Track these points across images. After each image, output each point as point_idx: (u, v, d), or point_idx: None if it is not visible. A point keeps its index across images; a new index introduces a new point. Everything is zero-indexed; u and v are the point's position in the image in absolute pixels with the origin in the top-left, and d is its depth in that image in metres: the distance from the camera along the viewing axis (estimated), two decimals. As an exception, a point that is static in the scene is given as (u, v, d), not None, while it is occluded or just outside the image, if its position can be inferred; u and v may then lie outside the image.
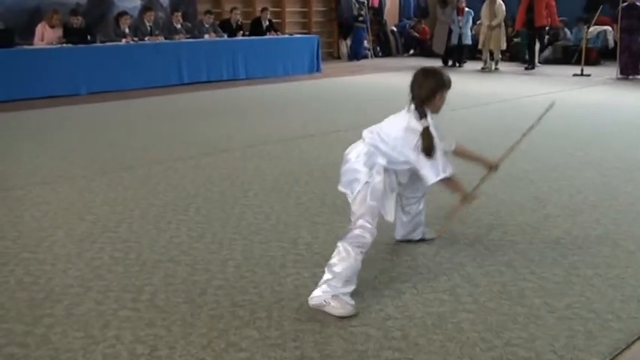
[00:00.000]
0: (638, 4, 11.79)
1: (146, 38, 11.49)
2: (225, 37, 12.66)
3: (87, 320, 2.83)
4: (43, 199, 4.68)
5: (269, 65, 12.85)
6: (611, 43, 14.52)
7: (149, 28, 11.71)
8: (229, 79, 12.10)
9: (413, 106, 3.23)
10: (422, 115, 3.18)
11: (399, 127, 3.23)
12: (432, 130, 3.15)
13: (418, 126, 3.15)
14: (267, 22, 13.66)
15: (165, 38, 11.85)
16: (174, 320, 2.81)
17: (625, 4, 11.89)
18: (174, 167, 5.55)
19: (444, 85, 3.29)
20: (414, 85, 3.27)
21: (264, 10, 13.84)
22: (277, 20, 15.07)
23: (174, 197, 4.68)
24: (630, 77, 11.88)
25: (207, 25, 12.59)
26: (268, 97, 10.16)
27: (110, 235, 3.91)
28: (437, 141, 3.15)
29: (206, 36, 12.36)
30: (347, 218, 4.10)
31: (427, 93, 3.22)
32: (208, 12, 12.94)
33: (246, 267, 3.39)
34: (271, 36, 13.43)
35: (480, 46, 14.10)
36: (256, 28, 13.50)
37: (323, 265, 3.37)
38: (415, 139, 3.12)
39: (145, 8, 12.24)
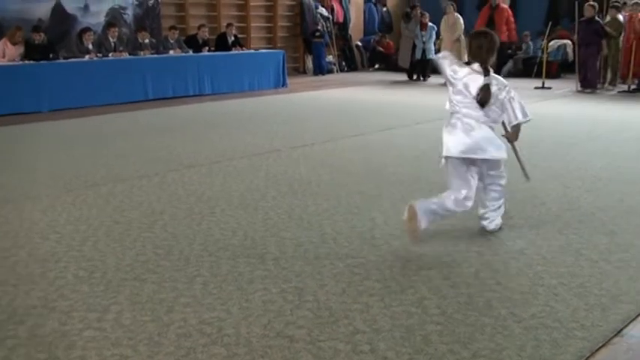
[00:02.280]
0: (596, 19, 12.07)
1: (110, 54, 11.40)
2: (191, 52, 12.62)
3: (51, 341, 2.77)
4: (4, 218, 4.59)
5: (235, 80, 12.83)
6: (570, 57, 14.82)
7: (113, 44, 11.61)
8: (195, 94, 12.05)
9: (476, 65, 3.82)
10: (486, 73, 3.80)
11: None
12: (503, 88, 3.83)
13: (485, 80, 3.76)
14: (233, 38, 13.66)
15: (130, 54, 11.76)
16: (141, 339, 2.78)
17: (583, 18, 12.15)
18: (140, 184, 5.50)
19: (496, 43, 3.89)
20: (474, 47, 3.85)
21: (229, 25, 13.83)
22: (242, 35, 15.07)
23: (140, 214, 4.63)
24: (587, 90, 12.14)
25: (172, 41, 12.54)
26: (234, 112, 10.14)
27: (74, 254, 3.85)
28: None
29: (171, 52, 12.30)
30: (314, 233, 4.12)
31: (487, 52, 3.82)
32: (173, 27, 12.89)
33: (214, 283, 3.36)
34: (237, 51, 13.43)
35: (442, 61, 14.25)
36: (222, 44, 13.49)
37: (291, 280, 3.38)
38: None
39: (109, 24, 12.14)
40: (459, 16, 13.99)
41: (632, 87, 11.97)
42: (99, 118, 9.50)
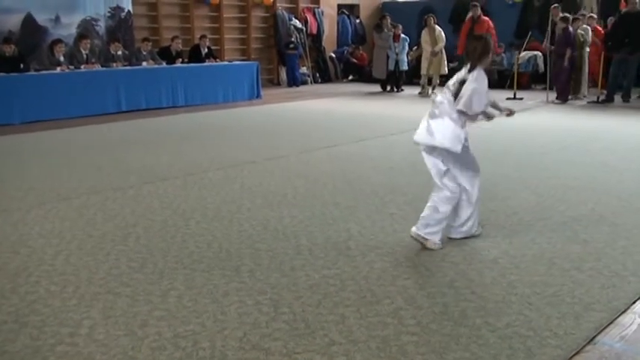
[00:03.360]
0: (570, 29, 12.26)
1: (82, 66, 11.30)
2: (164, 64, 12.56)
3: (22, 357, 2.73)
4: (-26, 232, 4.51)
5: (209, 92, 12.79)
6: (541, 68, 15.04)
7: (85, 56, 11.52)
8: (169, 106, 11.99)
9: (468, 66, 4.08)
10: (470, 70, 4.03)
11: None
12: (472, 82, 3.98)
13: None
14: (206, 49, 13.63)
15: (102, 66, 11.67)
16: (115, 354, 2.75)
17: (555, 29, 12.34)
18: (113, 197, 5.45)
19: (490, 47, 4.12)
20: (469, 50, 4.10)
21: (202, 37, 13.80)
22: (216, 47, 15.04)
23: (114, 227, 4.58)
24: (557, 100, 12.31)
25: (145, 53, 12.48)
26: (209, 124, 10.11)
27: (46, 268, 3.79)
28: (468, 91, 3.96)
29: (144, 63, 12.24)
30: (289, 244, 4.12)
31: (480, 55, 4.03)
32: (146, 39, 12.84)
33: (189, 296, 3.34)
34: (210, 63, 13.40)
35: (423, 72, 14.33)
36: (195, 55, 13.45)
37: (267, 292, 3.37)
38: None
39: (81, 36, 12.04)
40: (440, 29, 14.11)
41: (602, 98, 12.17)
42: (71, 131, 9.41)
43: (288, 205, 5.12)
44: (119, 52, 12.14)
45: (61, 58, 11.17)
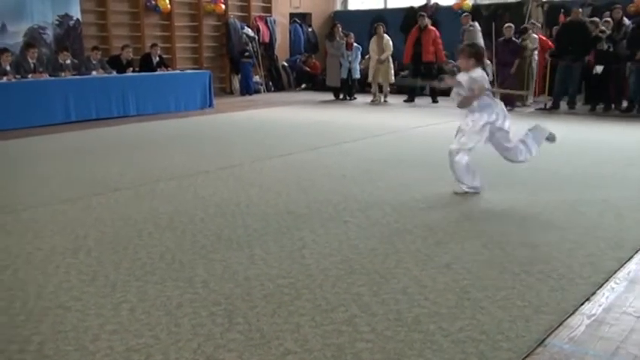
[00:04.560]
0: (513, 39, 12.55)
1: (29, 76, 11.06)
2: (114, 73, 12.39)
3: (-32, 376, 2.65)
4: None
5: (160, 101, 12.66)
6: (490, 76, 15.32)
7: (32, 65, 11.27)
8: (119, 116, 11.82)
9: None
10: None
11: None
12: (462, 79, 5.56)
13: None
14: (158, 58, 13.50)
15: (51, 75, 11.45)
16: (65, 370, 2.69)
17: (501, 38, 12.61)
18: (62, 209, 5.34)
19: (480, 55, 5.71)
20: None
21: (153, 45, 13.67)
22: (167, 56, 14.91)
23: (63, 240, 4.49)
24: (507, 108, 12.55)
25: (94, 62, 12.29)
26: (160, 133, 10.00)
27: (-7, 283, 3.69)
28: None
29: (94, 72, 12.05)
30: (243, 254, 4.10)
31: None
32: (96, 48, 12.65)
33: (141, 309, 3.29)
34: (162, 72, 13.28)
35: (369, 80, 14.52)
36: (146, 64, 13.31)
37: (221, 302, 3.34)
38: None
39: (28, 45, 11.77)
40: (388, 37, 14.29)
41: (548, 105, 12.47)
42: (18, 142, 9.18)
43: (241, 214, 5.10)
44: (68, 61, 11.93)
45: (8, 68, 10.90)
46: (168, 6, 15.20)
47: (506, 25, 12.79)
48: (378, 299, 3.39)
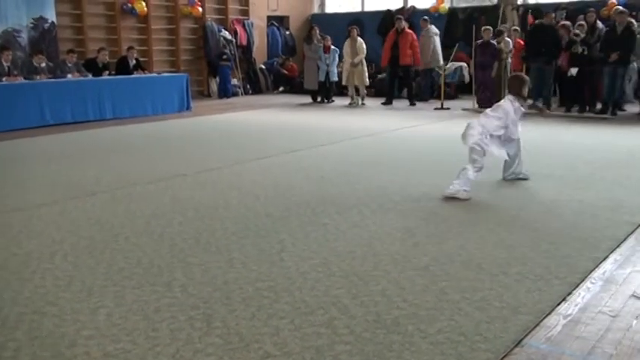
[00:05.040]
0: (492, 41, 12.65)
1: (4, 79, 10.92)
2: (90, 76, 12.28)
3: (-59, 384, 2.61)
4: None
5: (137, 104, 12.57)
6: (466, 78, 15.44)
7: (7, 68, 11.14)
8: (96, 119, 11.71)
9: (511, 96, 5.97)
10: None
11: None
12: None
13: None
14: (134, 61, 13.41)
15: (25, 78, 11.31)
16: (41, 376, 2.65)
17: (479, 41, 12.70)
18: (38, 213, 5.28)
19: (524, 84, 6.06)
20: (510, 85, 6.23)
21: (130, 48, 13.58)
22: (144, 59, 14.82)
23: (39, 245, 4.44)
24: (480, 110, 12.67)
25: (70, 65, 12.17)
26: (137, 137, 9.94)
27: (-33, 289, 3.64)
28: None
29: (69, 75, 11.93)
30: (222, 257, 4.08)
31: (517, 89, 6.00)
32: (71, 51, 12.53)
33: (119, 314, 3.26)
34: (138, 75, 13.19)
35: (344, 82, 14.56)
36: (123, 67, 13.21)
37: (199, 306, 3.32)
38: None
39: (2, 48, 11.61)
40: (362, 40, 14.35)
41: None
42: (-8, 146, 9.07)
43: (220, 217, 5.08)
44: (43, 65, 11.80)
45: (-19, 71, 10.78)
46: (145, 9, 15.12)
47: (484, 28, 12.89)
48: (356, 301, 3.39)
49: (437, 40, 14.79)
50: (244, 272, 3.85)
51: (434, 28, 14.76)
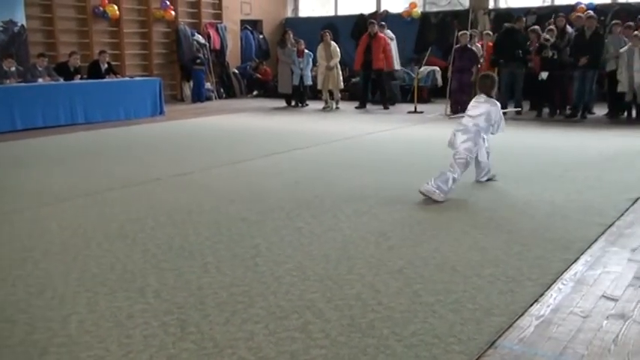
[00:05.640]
0: (469, 46, 12.75)
1: (-28, 83, 10.77)
2: (62, 80, 12.14)
3: None
4: None
5: (110, 109, 12.45)
6: (439, 82, 15.56)
7: (-25, 73, 10.99)
8: (67, 124, 11.58)
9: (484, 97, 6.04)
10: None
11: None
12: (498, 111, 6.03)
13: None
14: (106, 65, 13.29)
15: (-6, 83, 11.16)
16: (12, 385, 2.61)
17: (457, 46, 12.80)
18: (9, 219, 5.20)
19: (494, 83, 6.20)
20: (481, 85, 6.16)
21: (102, 52, 13.44)
22: (116, 63, 14.68)
23: (9, 251, 4.37)
24: (461, 115, 12.75)
25: (40, 69, 12.02)
26: (110, 141, 9.85)
27: None
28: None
29: (40, 80, 11.79)
30: (195, 262, 4.06)
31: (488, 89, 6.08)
32: (42, 55, 12.37)
33: (91, 321, 3.23)
34: (111, 79, 13.07)
35: (319, 87, 14.58)
36: (95, 72, 13.08)
37: (173, 312, 3.30)
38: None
39: (-30, 51, 11.49)
40: (335, 45, 14.39)
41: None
42: (-39, 151, 8.92)
43: (193, 222, 5.05)
44: (12, 69, 11.63)
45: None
46: (117, 12, 15.00)
47: (461, 32, 12.98)
48: (331, 305, 3.39)
49: (393, 44, 14.96)
50: (218, 277, 3.83)
51: (390, 33, 14.90)
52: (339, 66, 14.39)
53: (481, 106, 5.95)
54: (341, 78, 14.51)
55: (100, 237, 4.68)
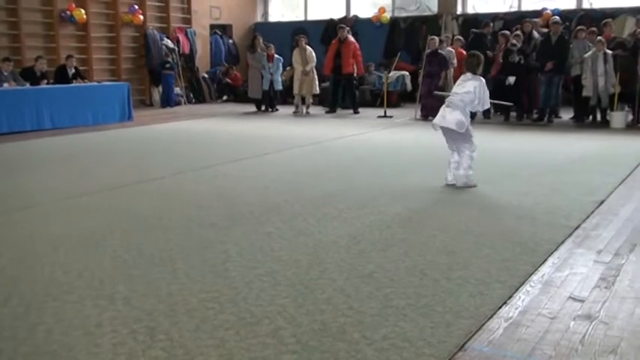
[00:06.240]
0: (440, 51, 12.85)
1: None
2: (28, 85, 11.97)
3: None
4: None
5: (77, 114, 12.28)
6: (409, 87, 15.66)
7: (-62, 78, 10.77)
8: (33, 129, 11.40)
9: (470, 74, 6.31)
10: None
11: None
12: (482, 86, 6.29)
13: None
14: (74, 70, 13.13)
15: (-42, 88, 10.96)
16: (-23, 396, 2.56)
17: (428, 51, 12.89)
18: (-27, 227, 5.11)
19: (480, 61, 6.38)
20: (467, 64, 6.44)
21: (69, 57, 13.28)
22: (84, 68, 14.51)
23: (-27, 260, 4.29)
24: (430, 118, 12.85)
25: (6, 73, 11.82)
26: (77, 147, 9.73)
27: None
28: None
29: (5, 84, 11.60)
30: (165, 269, 4.03)
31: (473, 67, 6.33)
32: (7, 59, 12.17)
33: (59, 330, 3.18)
34: (78, 84, 12.92)
35: (295, 92, 14.55)
36: (62, 76, 12.92)
37: (143, 319, 3.27)
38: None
39: None
40: (311, 49, 14.42)
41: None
42: None
43: (163, 228, 5.01)
44: (-23, 73, 11.44)
45: None
46: (84, 16, 14.83)
47: (430, 37, 13.09)
48: (302, 310, 3.39)
49: None
50: (188, 283, 3.80)
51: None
52: (314, 71, 14.42)
53: (467, 84, 6.23)
54: (316, 83, 14.54)
55: (68, 244, 4.62)
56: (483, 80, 6.33)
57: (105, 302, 3.53)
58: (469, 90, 6.19)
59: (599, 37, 11.57)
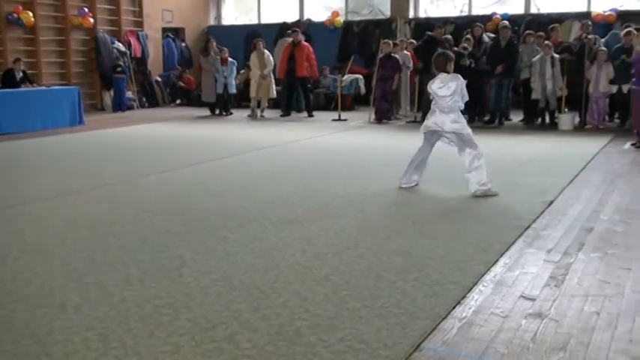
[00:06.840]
0: (393, 54, 12.96)
1: None
2: (-27, 89, 11.66)
3: None
4: None
5: (26, 119, 12.00)
6: (362, 90, 15.76)
7: None
8: (-21, 135, 11.12)
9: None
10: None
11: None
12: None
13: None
14: (21, 74, 12.84)
15: None
16: None
17: (382, 54, 12.99)
18: None
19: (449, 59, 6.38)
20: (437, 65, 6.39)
21: (16, 60, 12.98)
22: (33, 71, 14.20)
23: None
24: (384, 121, 12.97)
25: (-50, 78, 11.51)
26: (26, 153, 9.50)
27: None
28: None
29: (-51, 89, 11.28)
30: (118, 275, 3.96)
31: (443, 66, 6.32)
32: (-49, 63, 11.86)
33: (8, 339, 3.10)
34: (26, 88, 12.62)
35: (252, 95, 14.47)
36: (9, 80, 12.61)
37: (95, 327, 3.21)
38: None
39: None
40: (269, 53, 14.40)
41: (418, 118, 12.97)
42: None
43: (115, 234, 4.93)
44: None
45: None
46: (32, 19, 14.51)
47: (384, 41, 13.18)
48: (258, 315, 3.38)
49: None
50: (142, 289, 3.75)
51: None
52: (272, 74, 14.39)
53: (450, 84, 6.18)
54: (274, 87, 14.51)
55: (17, 252, 4.51)
56: (460, 76, 6.32)
57: (55, 310, 3.45)
58: (454, 90, 6.17)
59: (546, 42, 11.84)
